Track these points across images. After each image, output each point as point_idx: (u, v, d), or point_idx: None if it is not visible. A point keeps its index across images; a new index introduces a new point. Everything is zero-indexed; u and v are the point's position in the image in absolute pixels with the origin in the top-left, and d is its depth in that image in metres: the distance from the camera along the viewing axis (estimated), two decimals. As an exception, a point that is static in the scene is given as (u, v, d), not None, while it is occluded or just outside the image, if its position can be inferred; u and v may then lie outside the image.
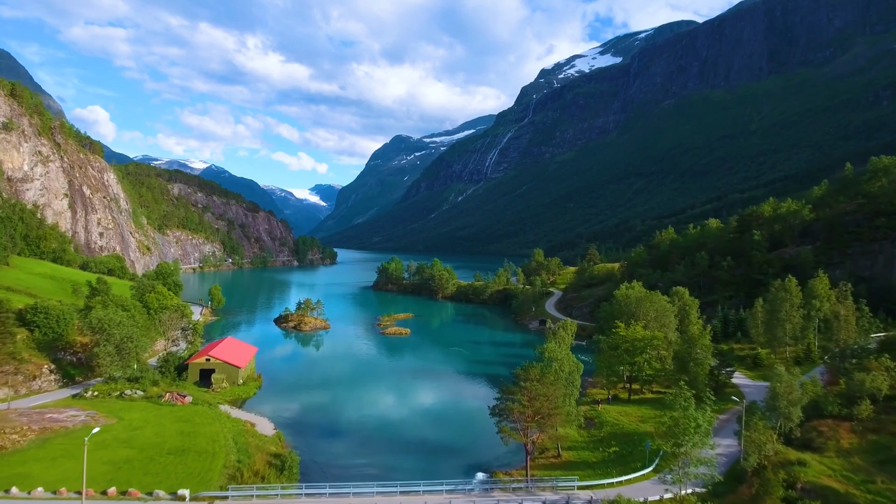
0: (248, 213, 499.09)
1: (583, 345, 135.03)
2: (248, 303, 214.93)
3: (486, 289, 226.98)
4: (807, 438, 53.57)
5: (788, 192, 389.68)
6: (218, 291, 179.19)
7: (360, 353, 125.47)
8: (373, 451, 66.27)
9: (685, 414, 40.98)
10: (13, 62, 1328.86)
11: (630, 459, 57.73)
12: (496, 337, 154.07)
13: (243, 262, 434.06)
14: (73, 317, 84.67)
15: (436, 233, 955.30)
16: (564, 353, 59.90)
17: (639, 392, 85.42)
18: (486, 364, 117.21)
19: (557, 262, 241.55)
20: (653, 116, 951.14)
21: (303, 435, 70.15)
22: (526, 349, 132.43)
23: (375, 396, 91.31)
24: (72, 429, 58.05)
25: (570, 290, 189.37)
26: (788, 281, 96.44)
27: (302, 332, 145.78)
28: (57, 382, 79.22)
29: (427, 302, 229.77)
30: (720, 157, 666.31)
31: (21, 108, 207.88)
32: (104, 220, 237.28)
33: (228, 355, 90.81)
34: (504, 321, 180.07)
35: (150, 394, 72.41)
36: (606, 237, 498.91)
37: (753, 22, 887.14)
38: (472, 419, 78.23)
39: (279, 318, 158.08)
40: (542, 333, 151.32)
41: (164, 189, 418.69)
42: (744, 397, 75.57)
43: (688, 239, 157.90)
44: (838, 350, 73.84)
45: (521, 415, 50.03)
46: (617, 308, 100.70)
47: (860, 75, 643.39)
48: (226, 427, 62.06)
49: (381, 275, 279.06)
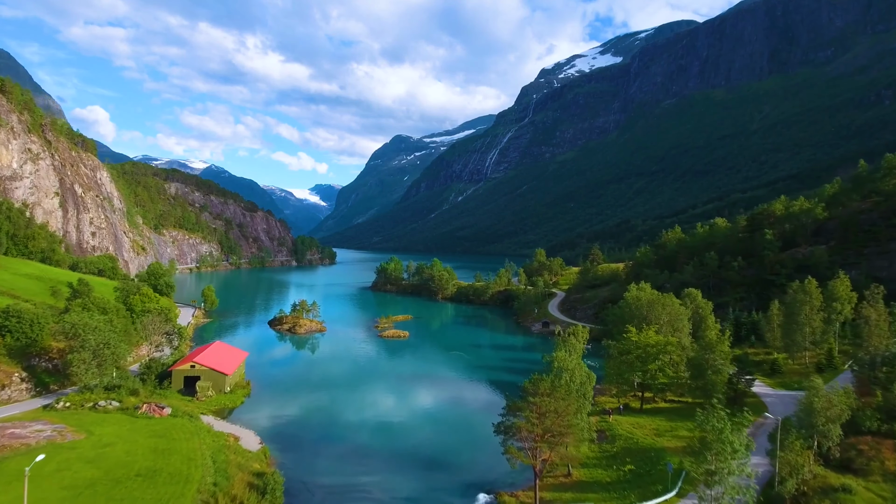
0: (246, 213, 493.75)
1: (588, 348, 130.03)
2: (244, 304, 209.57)
3: (487, 290, 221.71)
4: (846, 458, 48.35)
5: (791, 192, 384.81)
6: (211, 293, 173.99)
7: (356, 357, 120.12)
8: (366, 467, 61.01)
9: (719, 437, 35.76)
10: (13, 62, 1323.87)
11: (648, 480, 52.45)
12: (498, 340, 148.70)
13: (241, 263, 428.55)
14: (48, 320, 79.34)
15: (436, 233, 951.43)
16: (576, 363, 54.61)
17: (651, 401, 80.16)
18: (488, 369, 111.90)
19: (560, 262, 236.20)
20: (653, 116, 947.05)
21: (291, 449, 64.91)
22: (529, 353, 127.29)
23: (370, 405, 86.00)
24: (34, 447, 52.73)
25: (573, 291, 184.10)
26: (808, 282, 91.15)
27: (296, 335, 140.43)
28: (29, 391, 73.91)
29: (427, 303, 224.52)
30: (721, 156, 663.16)
31: (10, 105, 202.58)
32: (97, 219, 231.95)
33: (215, 361, 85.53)
34: (506, 323, 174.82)
35: (126, 405, 67.12)
36: (607, 237, 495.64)
37: (754, 21, 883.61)
38: (473, 431, 72.95)
39: (274, 320, 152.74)
40: (545, 336, 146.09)
41: (160, 188, 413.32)
42: (766, 408, 70.43)
43: (696, 238, 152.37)
44: (868, 357, 68.55)
45: (530, 433, 44.82)
46: (627, 311, 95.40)
47: (862, 75, 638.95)
48: (205, 443, 56.77)
49: (380, 275, 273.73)
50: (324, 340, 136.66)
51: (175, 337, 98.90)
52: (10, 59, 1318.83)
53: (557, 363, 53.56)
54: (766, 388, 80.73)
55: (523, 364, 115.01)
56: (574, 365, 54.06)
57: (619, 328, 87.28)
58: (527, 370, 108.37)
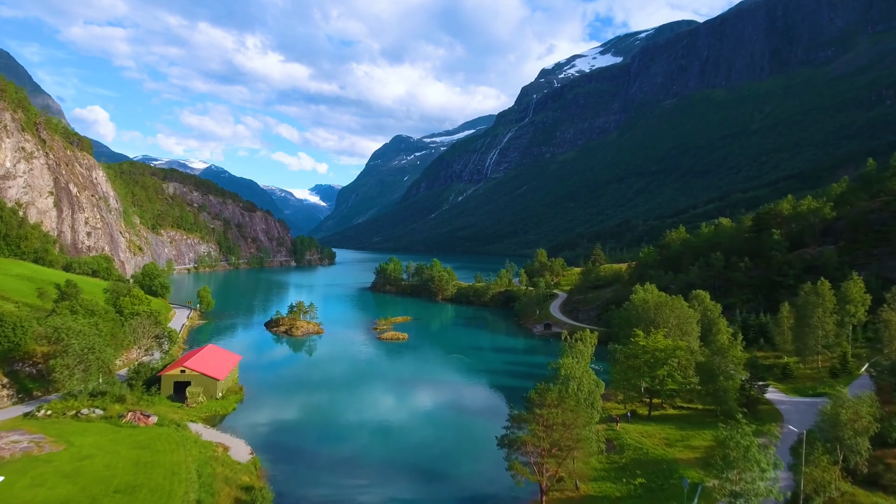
0: (244, 213, 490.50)
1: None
2: (241, 305, 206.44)
3: (488, 290, 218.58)
4: (873, 473, 45.26)
5: (793, 191, 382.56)
6: (207, 293, 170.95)
7: (354, 360, 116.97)
8: (362, 479, 57.89)
9: (745, 455, 32.66)
10: (12, 62, 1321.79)
11: (661, 496, 49.29)
12: (499, 342, 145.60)
13: (240, 263, 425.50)
14: (31, 324, 76.20)
15: (436, 233, 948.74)
16: (583, 370, 51.45)
17: (659, 407, 77.02)
18: (489, 373, 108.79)
19: (561, 262, 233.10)
20: (653, 116, 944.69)
21: (284, 460, 61.77)
22: (532, 356, 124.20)
23: (367, 410, 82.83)
24: (8, 459, 49.64)
25: (575, 293, 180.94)
26: (821, 284, 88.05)
27: (293, 337, 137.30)
28: (11, 398, 70.82)
29: (426, 304, 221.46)
30: (722, 156, 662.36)
31: (3, 103, 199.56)
32: (92, 219, 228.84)
33: (206, 366, 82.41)
34: (507, 324, 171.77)
35: (110, 413, 63.98)
36: (608, 237, 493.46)
37: (755, 21, 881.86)
38: (475, 439, 69.87)
39: (270, 322, 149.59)
40: (547, 338, 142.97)
41: (158, 188, 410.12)
42: (781, 416, 67.40)
43: (701, 239, 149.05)
44: (889, 363, 65.46)
45: (536, 448, 41.74)
46: (633, 314, 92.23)
47: (862, 74, 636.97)
48: (191, 454, 53.62)
49: (380, 276, 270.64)
50: (321, 343, 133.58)
51: (165, 340, 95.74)
52: (9, 59, 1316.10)
53: (564, 371, 50.46)
54: (779, 394, 77.58)
55: (525, 367, 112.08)
56: (582, 373, 50.93)
57: (625, 331, 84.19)
58: (529, 374, 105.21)
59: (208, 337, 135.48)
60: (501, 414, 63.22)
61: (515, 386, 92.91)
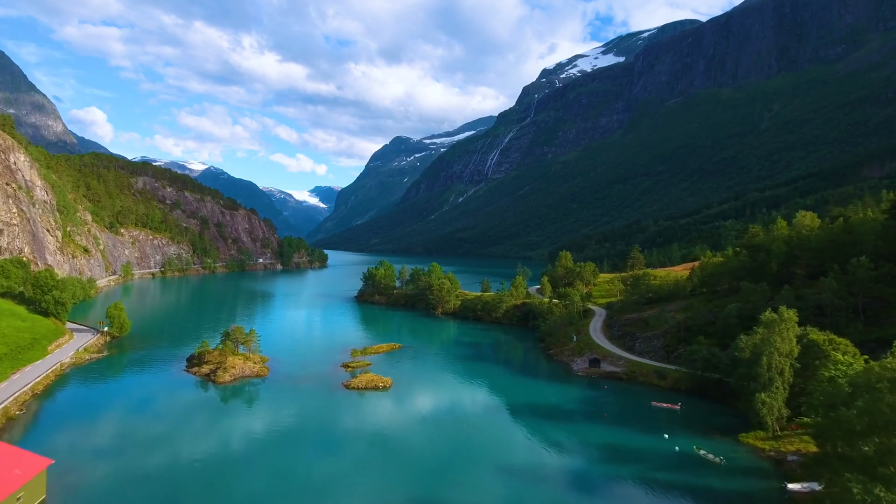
0: (225, 211, 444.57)
1: (662, 407, 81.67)
2: (175, 325, 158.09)
3: (500, 303, 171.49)
4: None
5: (816, 191, 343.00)
6: (121, 312, 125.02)
7: (293, 442, 70.81)
8: None
9: None
10: (7, 61, 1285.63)
11: None
12: (525, 388, 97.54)
13: (216, 266, 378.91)
14: None
15: (436, 234, 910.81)
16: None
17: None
18: (523, 474, 62.68)
19: (592, 267, 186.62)
20: (658, 115, 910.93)
21: None
22: (591, 423, 76.55)
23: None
24: None
25: (621, 310, 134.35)
26: None
27: (218, 383, 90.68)
28: None
29: (423, 320, 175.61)
30: (731, 155, 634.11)
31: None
32: (5, 213, 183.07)
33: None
34: (530, 355, 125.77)
35: None
36: (617, 238, 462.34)
37: (762, 19, 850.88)
38: None
39: (193, 357, 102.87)
40: (598, 382, 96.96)
41: (124, 182, 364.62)
42: None
43: (831, 233, 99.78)
44: None
45: None
46: (857, 414, 44.89)
47: (876, 71, 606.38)
48: None
49: (367, 283, 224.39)
50: (255, 397, 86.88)
51: None
52: (3, 58, 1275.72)
53: None
54: None
55: (583, 457, 64.62)
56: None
57: (840, 438, 38.04)
58: (595, 477, 59.60)
59: (97, 378, 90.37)
60: None
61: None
